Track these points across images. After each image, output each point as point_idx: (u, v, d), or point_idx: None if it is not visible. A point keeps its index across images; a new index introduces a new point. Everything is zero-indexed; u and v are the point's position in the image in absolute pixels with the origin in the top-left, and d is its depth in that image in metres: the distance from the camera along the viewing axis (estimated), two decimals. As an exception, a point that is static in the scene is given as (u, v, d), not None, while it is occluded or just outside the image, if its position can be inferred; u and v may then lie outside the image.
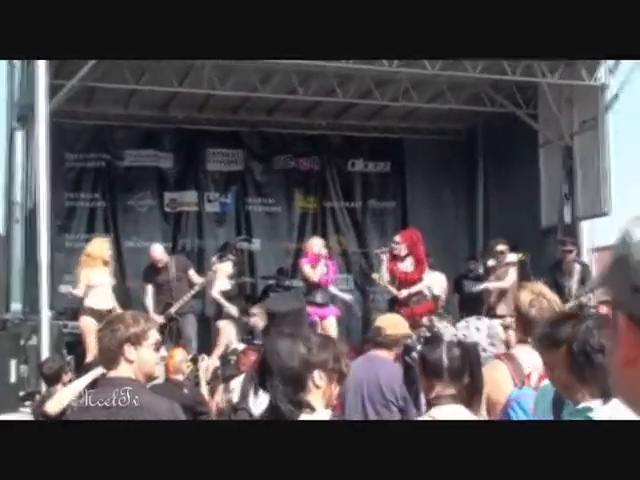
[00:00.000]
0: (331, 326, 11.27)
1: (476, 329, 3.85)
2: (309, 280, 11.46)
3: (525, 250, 12.12)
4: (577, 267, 11.96)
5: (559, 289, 10.57)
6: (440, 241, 14.50)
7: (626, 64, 12.97)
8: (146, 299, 11.43)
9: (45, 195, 10.04)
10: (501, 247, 11.91)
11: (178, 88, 13.32)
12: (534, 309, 4.82)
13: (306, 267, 11.52)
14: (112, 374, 3.91)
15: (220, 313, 11.91)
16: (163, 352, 4.26)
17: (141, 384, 4.04)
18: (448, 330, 3.69)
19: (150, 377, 4.18)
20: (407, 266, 11.55)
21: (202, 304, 13.02)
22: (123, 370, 3.90)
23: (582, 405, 3.32)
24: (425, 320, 3.81)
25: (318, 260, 11.56)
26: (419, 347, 3.70)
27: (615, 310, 1.19)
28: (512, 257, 11.94)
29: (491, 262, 12.05)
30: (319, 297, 11.33)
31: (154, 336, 4.08)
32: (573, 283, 11.71)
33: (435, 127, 16.26)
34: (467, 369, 3.76)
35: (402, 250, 11.58)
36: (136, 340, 3.91)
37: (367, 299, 15.17)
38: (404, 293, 11.33)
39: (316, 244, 11.81)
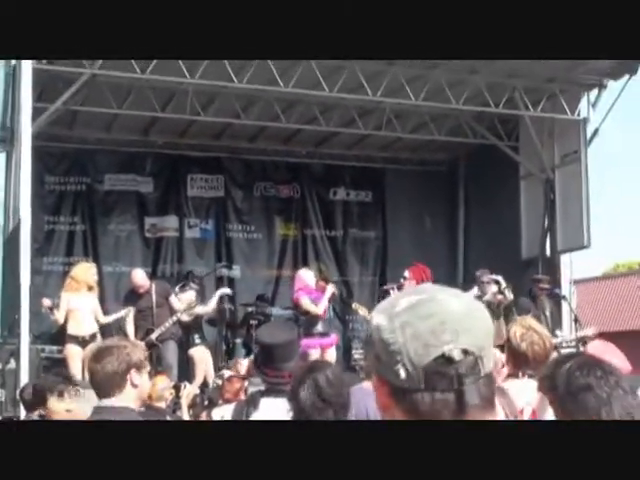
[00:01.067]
0: (332, 356, 11.26)
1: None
2: (310, 313, 11.39)
3: (507, 282, 12.19)
4: (549, 303, 12.11)
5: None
6: (420, 272, 14.56)
7: (607, 99, 13.20)
8: (127, 325, 11.37)
9: (28, 218, 10.00)
10: (487, 277, 11.93)
11: (160, 113, 13.34)
12: (525, 343, 4.85)
13: (306, 301, 11.38)
14: (109, 402, 3.88)
15: (189, 341, 11.90)
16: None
17: (136, 414, 4.04)
18: None
19: (143, 403, 4.19)
20: None
21: (181, 331, 12.96)
22: (125, 396, 3.88)
23: None
24: None
25: (319, 293, 11.54)
26: None
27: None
28: (492, 287, 11.90)
29: (475, 291, 12.08)
30: (321, 327, 11.31)
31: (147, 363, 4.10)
32: (548, 319, 11.81)
33: (417, 157, 16.38)
34: None
35: (411, 286, 11.58)
36: (140, 365, 3.92)
37: (347, 328, 15.18)
38: None
39: (310, 276, 11.77)
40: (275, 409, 4.37)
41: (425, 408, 1.57)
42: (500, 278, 11.59)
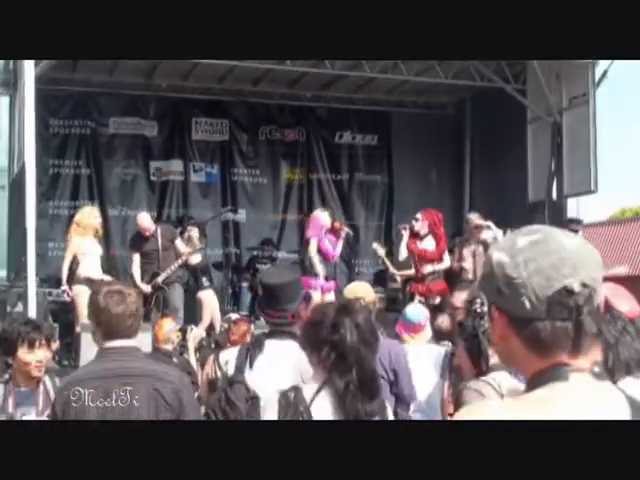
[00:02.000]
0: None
1: None
2: (321, 255, 11.33)
3: (512, 225, 12.18)
4: None
5: None
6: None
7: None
8: (133, 268, 11.39)
9: (32, 161, 9.98)
10: (478, 222, 11.88)
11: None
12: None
13: (313, 248, 11.27)
14: (119, 343, 3.92)
15: (198, 285, 11.96)
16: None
17: (143, 354, 4.09)
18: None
19: None
20: (427, 244, 11.55)
21: (188, 274, 13.02)
22: (135, 339, 3.93)
23: None
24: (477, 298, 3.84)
25: (334, 236, 11.50)
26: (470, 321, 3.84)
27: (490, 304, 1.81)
28: (489, 236, 11.83)
29: (465, 235, 12.07)
30: (323, 271, 11.25)
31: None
32: None
33: (423, 100, 16.29)
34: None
35: (423, 228, 11.57)
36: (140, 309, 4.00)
37: (353, 272, 15.24)
38: (429, 269, 11.30)
39: (325, 217, 11.64)
40: (279, 350, 4.41)
41: (546, 335, 1.71)
42: (491, 223, 11.56)
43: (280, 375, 4.08)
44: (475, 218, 12.09)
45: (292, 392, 3.39)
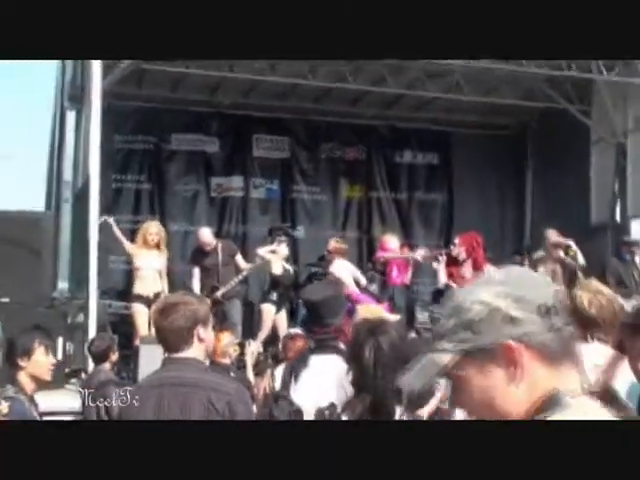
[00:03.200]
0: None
1: None
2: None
3: (574, 250, 12.07)
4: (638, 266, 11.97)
5: (621, 286, 10.71)
6: (486, 236, 14.41)
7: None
8: (193, 282, 11.51)
9: (96, 175, 10.15)
10: (557, 239, 11.75)
11: (228, 73, 13.37)
12: (594, 308, 4.82)
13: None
14: (180, 355, 3.95)
15: (264, 296, 12.01)
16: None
17: (205, 365, 4.11)
18: None
19: (208, 357, 4.27)
20: (465, 271, 11.50)
21: (246, 289, 13.08)
22: (193, 351, 3.95)
23: None
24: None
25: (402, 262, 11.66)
26: None
27: None
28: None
29: (540, 253, 11.95)
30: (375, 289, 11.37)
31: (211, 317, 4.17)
32: (638, 282, 11.69)
33: (485, 121, 16.16)
34: None
35: (461, 254, 11.53)
36: (206, 320, 3.99)
37: (409, 291, 15.16)
38: None
39: (394, 242, 11.89)
40: (324, 365, 4.41)
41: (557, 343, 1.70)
42: (571, 242, 11.49)
43: (324, 389, 4.09)
44: (554, 235, 11.92)
45: (328, 409, 3.39)
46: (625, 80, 13.22)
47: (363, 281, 12.32)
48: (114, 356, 8.43)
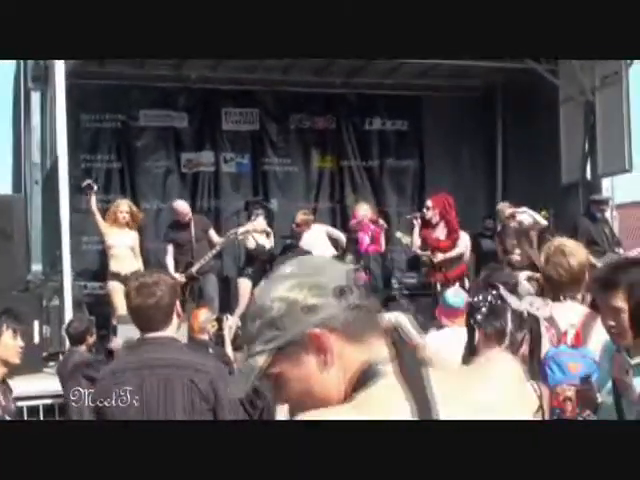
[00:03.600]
0: None
1: (537, 309, 3.92)
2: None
3: (546, 207, 12.13)
4: (608, 223, 12.07)
5: (593, 244, 10.82)
6: (459, 200, 14.43)
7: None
8: (167, 258, 11.49)
9: (65, 156, 10.06)
10: (509, 210, 11.90)
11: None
12: (549, 266, 4.85)
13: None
14: (157, 334, 3.93)
15: (240, 271, 11.99)
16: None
17: (181, 344, 4.10)
18: (514, 300, 3.72)
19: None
20: (439, 233, 11.55)
21: (221, 264, 13.06)
22: (171, 329, 3.94)
23: (637, 361, 3.37)
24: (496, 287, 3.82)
25: (375, 229, 11.68)
26: (484, 310, 3.74)
27: None
28: (526, 218, 11.84)
29: (499, 227, 12.08)
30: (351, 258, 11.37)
31: None
32: (609, 238, 11.80)
33: (453, 84, 16.12)
34: (526, 342, 3.82)
35: (434, 216, 11.57)
36: (178, 296, 3.99)
37: (386, 258, 15.19)
38: (439, 257, 11.36)
39: (363, 210, 11.91)
40: None
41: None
42: (525, 208, 11.57)
43: None
44: (506, 207, 12.08)
45: None
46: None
47: (343, 239, 12.33)
48: (91, 338, 8.42)
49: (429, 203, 11.81)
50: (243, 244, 11.97)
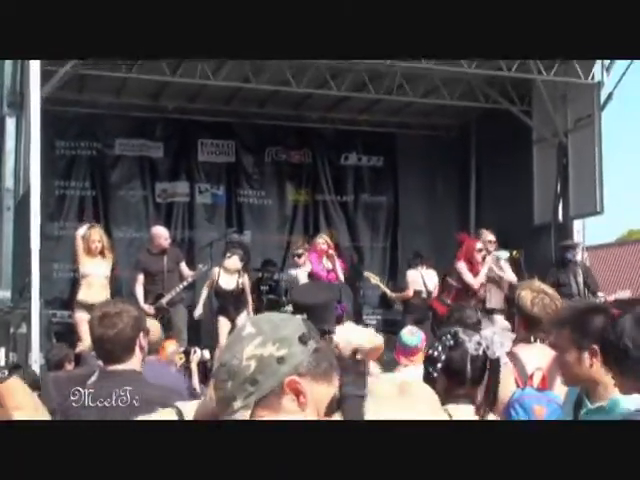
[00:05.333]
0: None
1: (500, 344, 3.90)
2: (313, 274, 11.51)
3: (518, 247, 12.18)
4: (581, 269, 12.08)
5: (562, 287, 10.84)
6: (432, 237, 14.55)
7: (621, 62, 13.02)
8: (137, 288, 11.39)
9: (37, 182, 9.95)
10: (491, 237, 12.00)
11: (170, 77, 13.27)
12: (537, 307, 4.82)
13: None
14: (120, 367, 3.86)
15: (221, 309, 11.86)
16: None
17: (143, 376, 4.01)
18: (472, 340, 3.70)
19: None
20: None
21: (192, 296, 12.96)
22: (133, 361, 3.87)
23: (597, 405, 3.35)
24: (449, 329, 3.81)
25: (321, 255, 11.64)
26: (443, 357, 3.71)
27: None
28: (503, 254, 11.99)
29: (503, 253, 12.12)
30: None
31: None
32: (579, 284, 11.81)
33: (428, 122, 16.25)
34: (486, 379, 3.78)
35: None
36: (146, 327, 3.92)
37: (358, 294, 15.15)
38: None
39: (318, 241, 11.90)
40: None
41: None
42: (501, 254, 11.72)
43: None
44: (487, 234, 12.18)
45: None
46: (564, 80, 13.38)
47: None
48: (69, 366, 8.39)
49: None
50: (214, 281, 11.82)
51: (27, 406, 2.86)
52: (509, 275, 11.81)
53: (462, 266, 11.84)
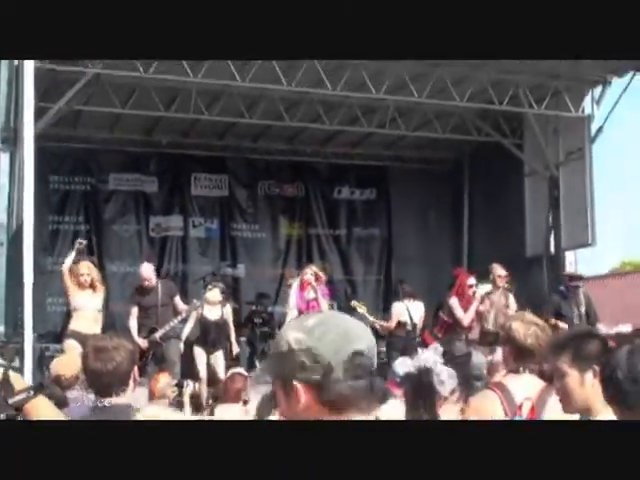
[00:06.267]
0: None
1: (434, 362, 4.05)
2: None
3: (511, 279, 12.19)
4: (584, 299, 12.05)
5: (563, 317, 10.88)
6: (426, 269, 14.57)
7: (612, 95, 13.14)
8: (130, 321, 11.37)
9: (31, 217, 10.01)
10: (501, 271, 11.92)
11: (164, 112, 13.35)
12: (530, 338, 4.85)
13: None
14: (115, 400, 3.87)
15: (199, 340, 11.87)
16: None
17: (134, 412, 4.00)
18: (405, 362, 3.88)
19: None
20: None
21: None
22: (128, 395, 3.87)
23: None
24: None
25: (306, 286, 11.67)
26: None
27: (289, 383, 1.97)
28: (483, 287, 11.98)
29: (486, 287, 12.11)
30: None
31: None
32: (582, 314, 11.79)
33: (421, 156, 16.34)
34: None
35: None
36: (137, 361, 3.93)
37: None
38: None
39: (306, 271, 11.92)
40: None
41: (348, 393, 1.90)
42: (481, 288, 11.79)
43: None
44: (498, 268, 12.15)
45: None
46: (554, 113, 13.48)
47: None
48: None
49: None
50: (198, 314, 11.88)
51: None
52: (512, 307, 11.79)
53: (454, 302, 11.85)
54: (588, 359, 3.57)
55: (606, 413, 3.39)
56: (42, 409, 2.95)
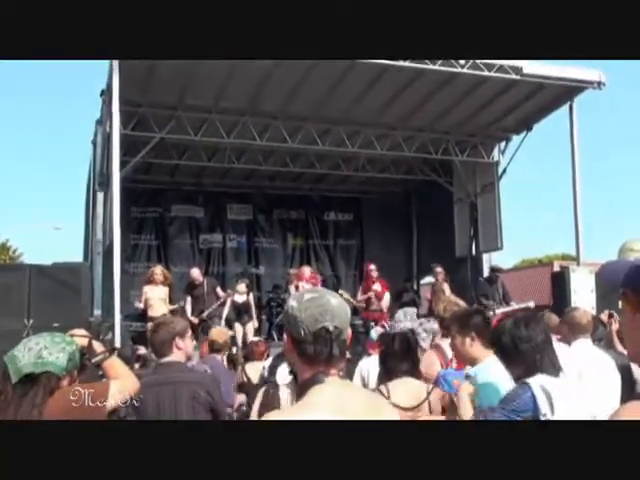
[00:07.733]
0: None
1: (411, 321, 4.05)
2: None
3: (446, 274, 12.21)
4: (501, 284, 12.04)
5: (488, 298, 10.87)
6: (387, 268, 14.51)
7: (513, 145, 13.16)
8: (186, 306, 11.40)
9: (118, 236, 10.01)
10: (439, 269, 12.04)
11: (208, 163, 13.39)
12: (447, 313, 4.90)
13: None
14: (165, 359, 3.87)
15: (236, 317, 11.85)
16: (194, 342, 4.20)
17: (184, 365, 4.01)
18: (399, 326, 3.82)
19: (190, 359, 4.18)
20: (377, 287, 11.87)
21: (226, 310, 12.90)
22: (174, 356, 3.87)
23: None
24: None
25: (302, 279, 11.67)
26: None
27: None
28: (428, 279, 12.03)
29: (429, 279, 12.16)
30: None
31: (190, 331, 4.09)
32: (500, 295, 11.80)
33: (383, 191, 16.32)
34: (411, 352, 3.85)
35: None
36: (183, 333, 3.92)
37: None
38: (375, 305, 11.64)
39: (305, 270, 11.94)
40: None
41: (310, 353, 1.87)
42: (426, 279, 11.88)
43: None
44: (439, 267, 12.21)
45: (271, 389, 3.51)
46: (473, 160, 13.53)
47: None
48: (135, 365, 8.30)
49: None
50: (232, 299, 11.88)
51: (124, 376, 2.89)
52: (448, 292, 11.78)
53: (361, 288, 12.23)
54: (468, 328, 3.60)
55: (486, 361, 3.41)
56: (115, 365, 2.93)
